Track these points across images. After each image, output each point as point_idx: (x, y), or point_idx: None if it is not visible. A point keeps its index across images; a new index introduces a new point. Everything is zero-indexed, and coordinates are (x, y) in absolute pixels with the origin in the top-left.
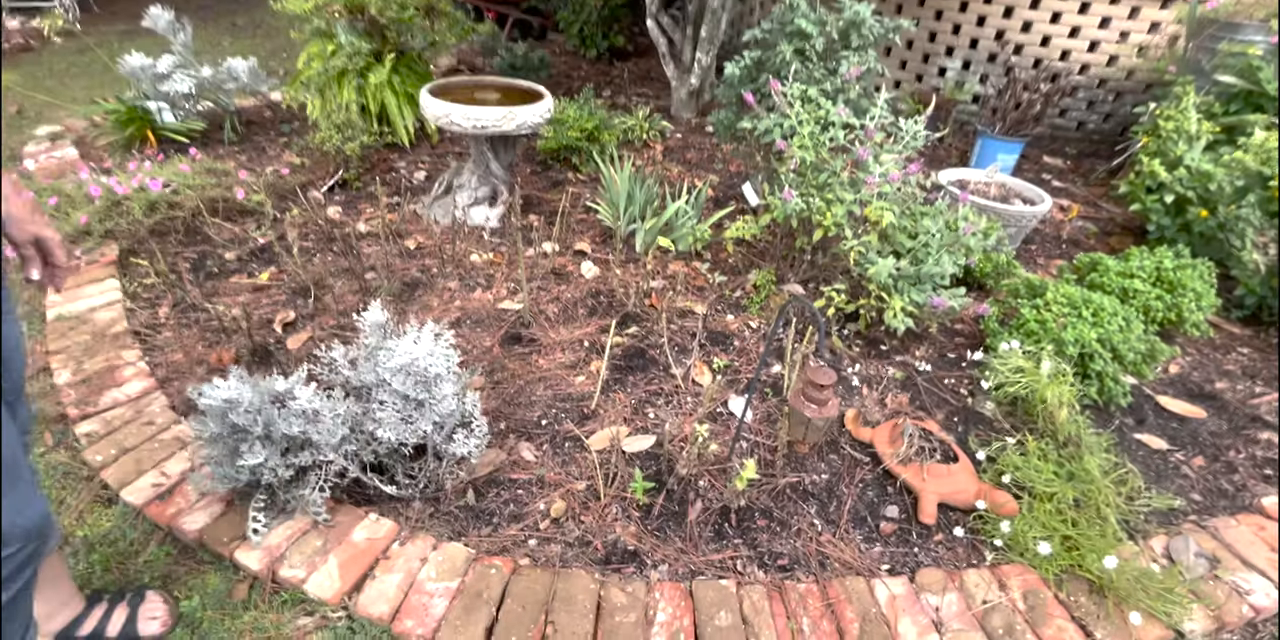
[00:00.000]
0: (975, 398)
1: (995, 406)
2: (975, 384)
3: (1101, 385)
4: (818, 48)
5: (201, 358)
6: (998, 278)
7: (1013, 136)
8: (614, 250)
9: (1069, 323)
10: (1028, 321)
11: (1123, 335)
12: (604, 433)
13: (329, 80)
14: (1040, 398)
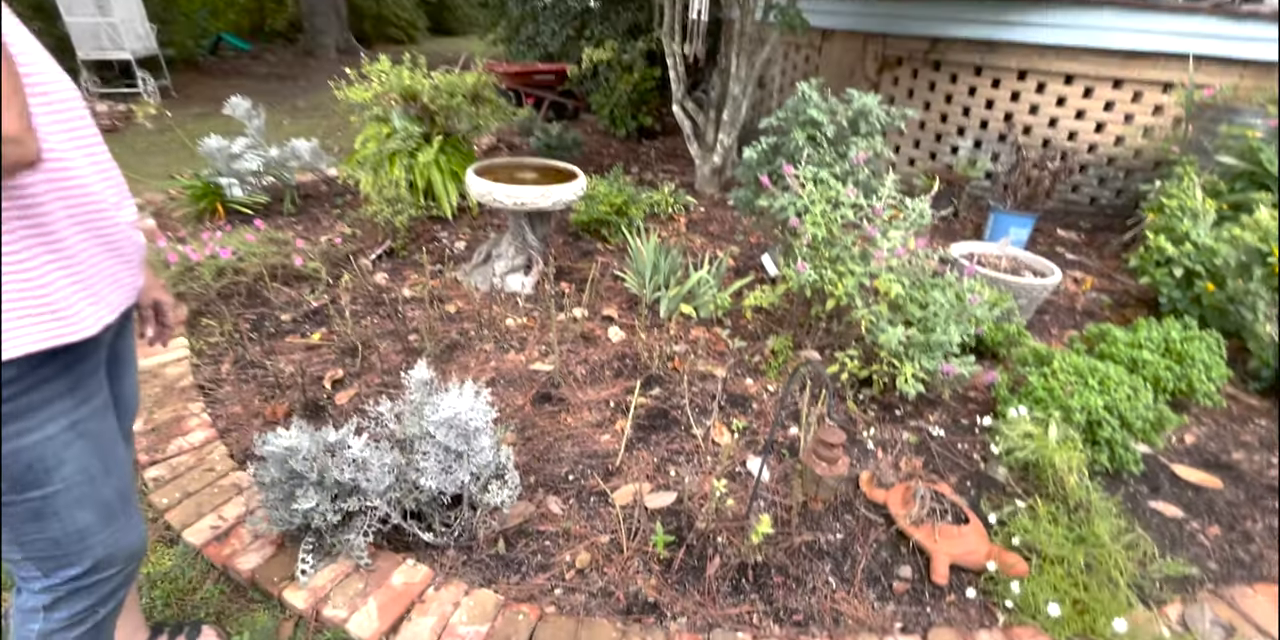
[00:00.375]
0: (988, 463)
1: (1007, 471)
2: (987, 449)
3: (1112, 452)
4: (828, 134)
5: (258, 411)
6: (1009, 347)
7: (1024, 211)
8: (639, 316)
9: (1076, 390)
10: (1036, 389)
11: (1130, 403)
12: (627, 489)
13: (382, 159)
14: (1049, 463)
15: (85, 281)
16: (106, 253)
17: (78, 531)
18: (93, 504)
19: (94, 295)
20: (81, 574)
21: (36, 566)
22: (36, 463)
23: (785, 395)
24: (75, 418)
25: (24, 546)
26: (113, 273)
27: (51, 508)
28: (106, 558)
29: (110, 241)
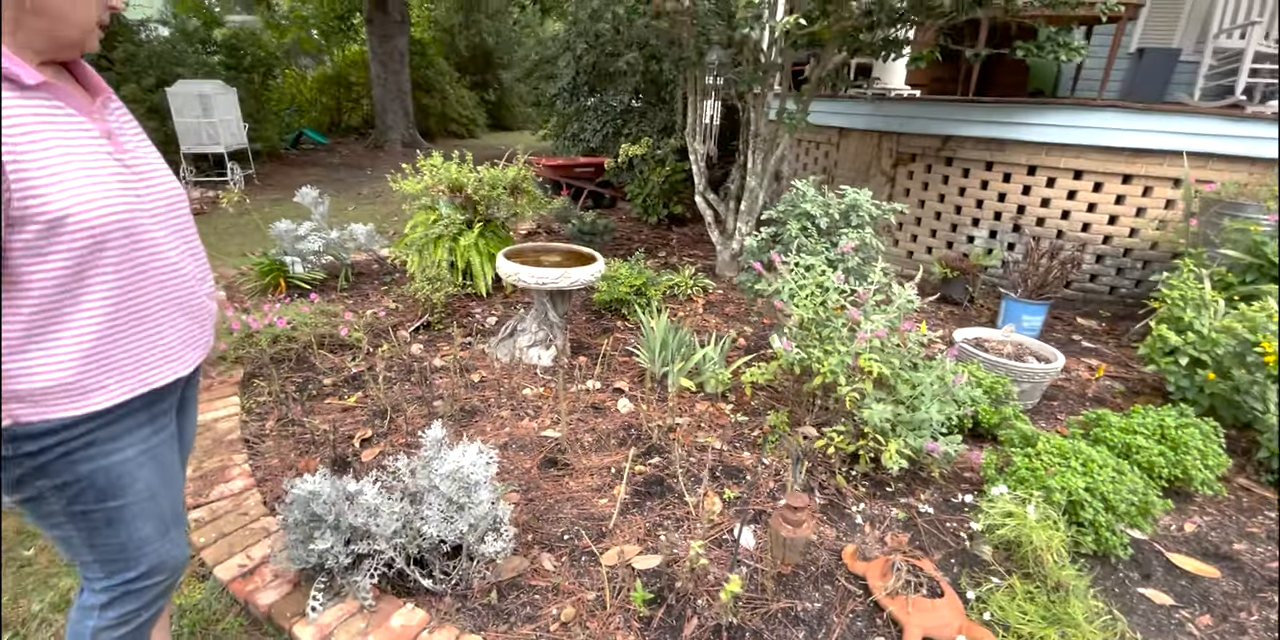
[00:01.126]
0: (973, 541)
1: (991, 550)
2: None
3: (1097, 535)
4: (821, 226)
5: (293, 464)
6: (1005, 428)
7: (1036, 300)
8: (647, 389)
9: (1058, 471)
10: (1020, 469)
11: (1113, 486)
12: (615, 550)
13: (428, 242)
14: (1029, 541)
15: (167, 343)
16: (187, 318)
17: (138, 540)
18: (153, 517)
19: (173, 353)
20: (135, 578)
21: (101, 568)
22: (116, 478)
23: (761, 460)
24: (149, 444)
25: (94, 549)
26: (190, 334)
27: (121, 517)
28: (157, 565)
29: (190, 309)
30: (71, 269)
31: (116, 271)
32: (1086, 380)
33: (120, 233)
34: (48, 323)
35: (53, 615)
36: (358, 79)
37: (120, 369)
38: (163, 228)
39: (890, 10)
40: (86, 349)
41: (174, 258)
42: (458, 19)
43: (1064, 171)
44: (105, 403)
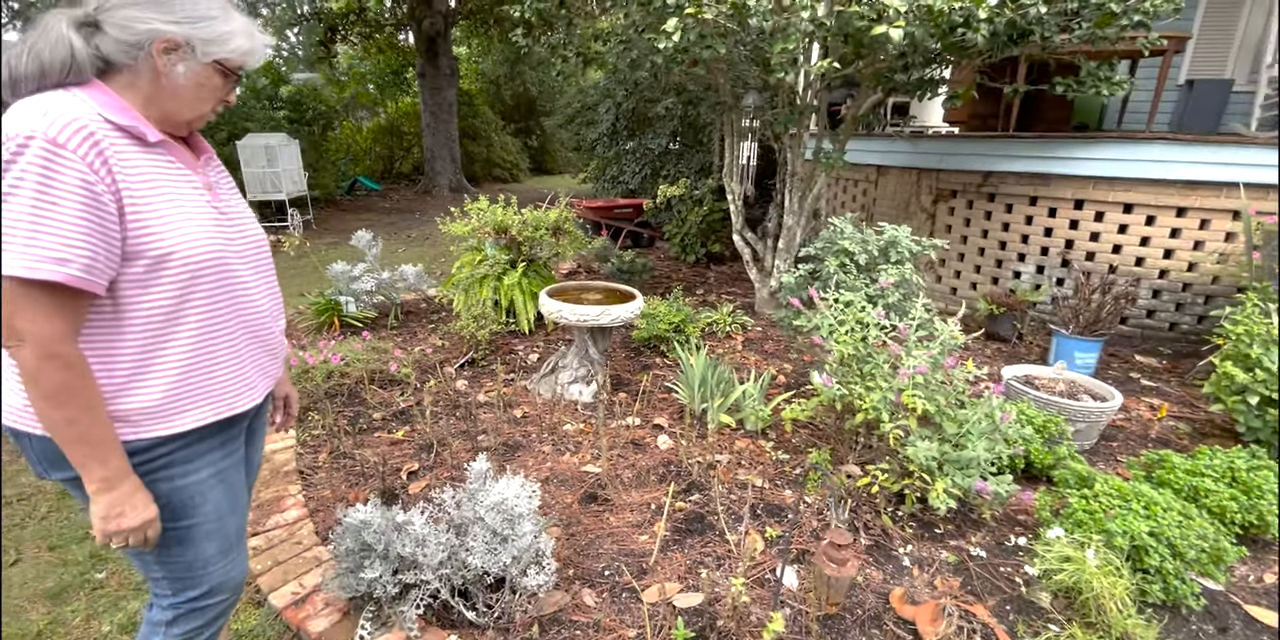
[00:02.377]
0: (1029, 586)
1: (1049, 597)
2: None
3: (1165, 583)
4: (859, 262)
5: (344, 495)
6: (1059, 469)
7: (1089, 336)
8: (686, 426)
9: (1118, 514)
10: (1076, 511)
11: (1180, 531)
12: (656, 587)
13: (474, 282)
14: (1088, 588)
15: (244, 373)
16: (263, 352)
17: (203, 559)
18: (218, 538)
19: (249, 382)
20: (198, 596)
21: (169, 585)
22: (188, 499)
23: (803, 498)
24: (220, 467)
25: (164, 566)
26: (264, 366)
27: (190, 536)
28: (219, 585)
29: (266, 343)
30: (170, 301)
31: (207, 304)
32: (1148, 420)
33: (213, 269)
34: (146, 349)
35: (121, 636)
36: (409, 129)
37: (203, 395)
38: (248, 267)
39: (924, 51)
40: (176, 374)
41: (255, 294)
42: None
43: (1113, 205)
44: (187, 425)
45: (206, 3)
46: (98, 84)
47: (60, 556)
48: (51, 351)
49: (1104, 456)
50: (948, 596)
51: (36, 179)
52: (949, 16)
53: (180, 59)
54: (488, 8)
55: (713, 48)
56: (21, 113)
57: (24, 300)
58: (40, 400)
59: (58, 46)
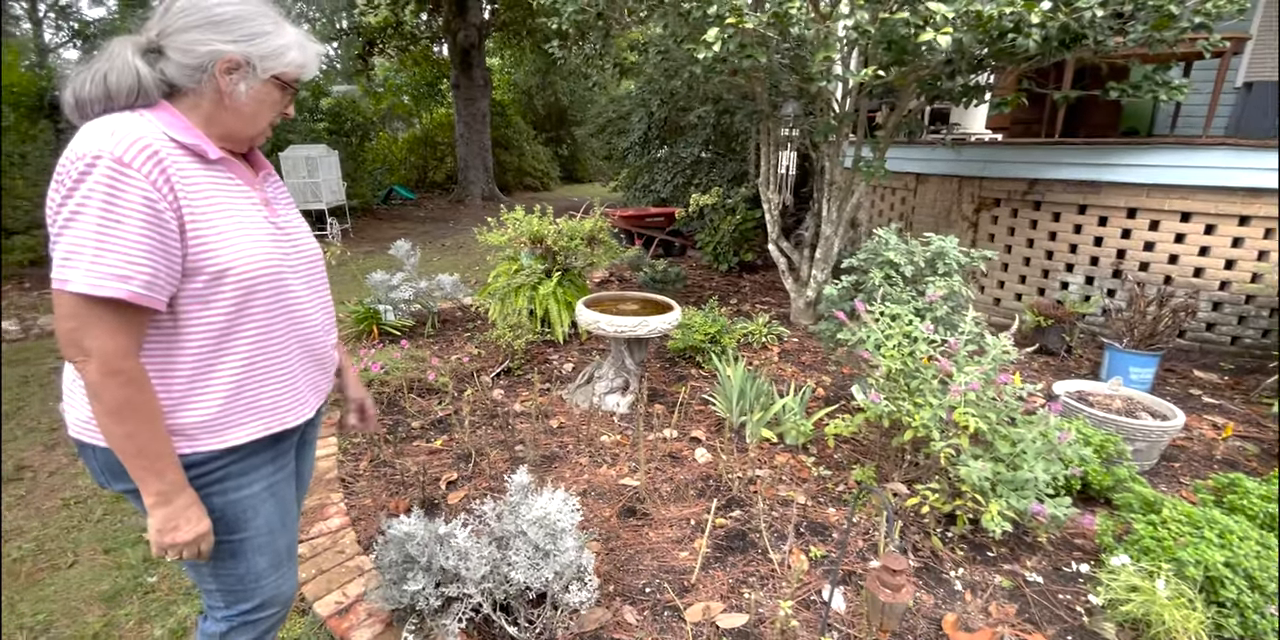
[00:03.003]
0: (1092, 617)
1: (1115, 628)
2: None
3: (1243, 618)
4: (905, 274)
5: (384, 504)
6: (1120, 492)
7: (1145, 350)
8: (725, 439)
9: (1189, 542)
10: (1143, 537)
11: (1260, 562)
12: (699, 606)
13: (509, 291)
14: (1158, 620)
15: (297, 388)
16: (315, 366)
17: (255, 573)
18: (269, 552)
19: (301, 397)
20: (250, 610)
21: (222, 598)
22: (240, 513)
23: (850, 519)
24: (271, 481)
25: (218, 578)
26: (316, 381)
27: (242, 550)
28: (271, 598)
29: (319, 357)
30: (227, 316)
31: (263, 319)
32: (1212, 439)
33: (269, 285)
34: (203, 363)
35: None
36: (443, 139)
37: (256, 409)
38: (302, 281)
39: (971, 57)
40: (231, 389)
41: (309, 309)
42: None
43: (1169, 213)
44: (240, 439)
45: (260, 19)
46: (164, 105)
47: (114, 560)
48: (115, 367)
49: (1165, 478)
50: (1004, 624)
51: (103, 198)
52: (999, 22)
53: (241, 78)
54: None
55: (753, 57)
56: (89, 133)
57: (89, 317)
58: (103, 415)
59: (124, 73)
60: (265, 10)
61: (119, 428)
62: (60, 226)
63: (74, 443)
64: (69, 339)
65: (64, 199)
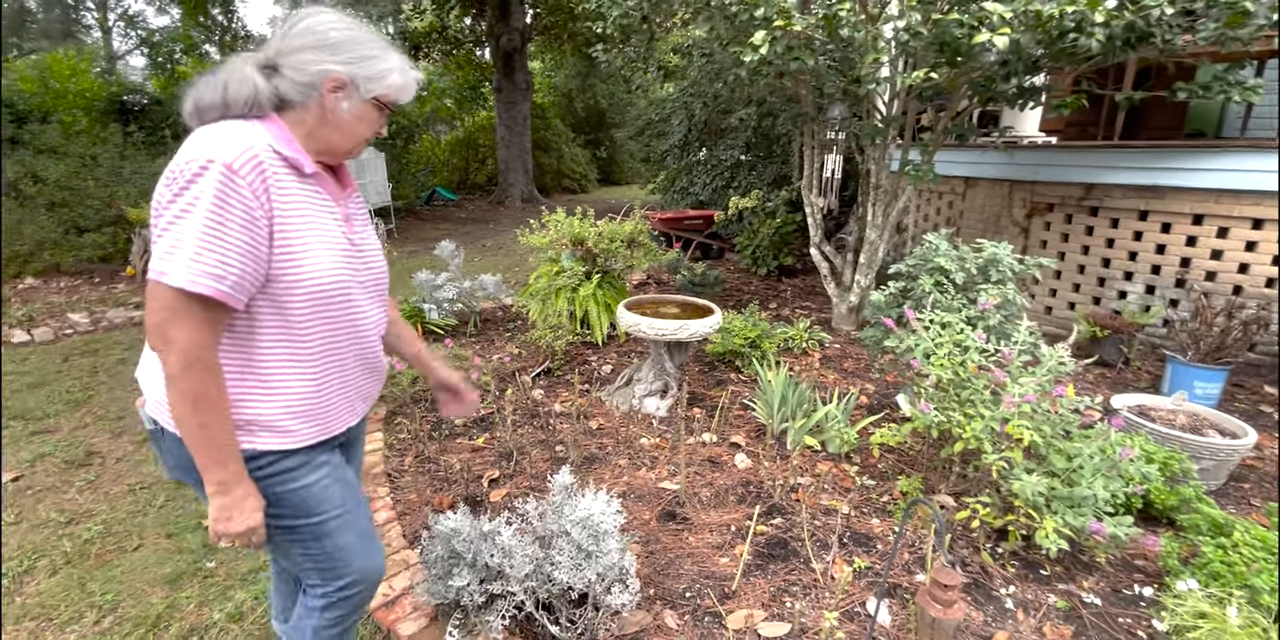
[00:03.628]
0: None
1: None
2: (1154, 626)
3: None
4: (956, 281)
5: (429, 499)
6: (1185, 512)
7: (1212, 364)
8: (765, 445)
9: (1264, 568)
10: (1212, 561)
11: None
12: (741, 613)
13: (550, 292)
14: None
15: (350, 397)
16: (369, 376)
17: (343, 548)
18: (353, 529)
19: (352, 406)
20: (345, 586)
21: (319, 575)
22: (309, 497)
23: (901, 530)
24: (330, 469)
25: (310, 559)
26: (367, 390)
27: (325, 529)
28: (363, 573)
29: (373, 368)
30: (298, 323)
31: (329, 330)
32: None
33: (339, 297)
34: (270, 365)
35: (230, 625)
36: (484, 141)
37: (313, 416)
38: (368, 297)
39: (1027, 58)
40: (293, 393)
41: (371, 324)
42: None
43: (1240, 220)
44: (293, 444)
45: (369, 43)
46: (274, 118)
47: (176, 544)
48: (195, 357)
49: (1234, 499)
50: None
51: (212, 201)
52: (1060, 21)
53: (345, 97)
54: (562, 23)
55: (800, 59)
56: (205, 138)
57: (179, 309)
58: (178, 403)
59: (243, 84)
60: (373, 36)
61: (193, 417)
62: (167, 223)
63: (147, 427)
64: (157, 328)
65: (174, 196)
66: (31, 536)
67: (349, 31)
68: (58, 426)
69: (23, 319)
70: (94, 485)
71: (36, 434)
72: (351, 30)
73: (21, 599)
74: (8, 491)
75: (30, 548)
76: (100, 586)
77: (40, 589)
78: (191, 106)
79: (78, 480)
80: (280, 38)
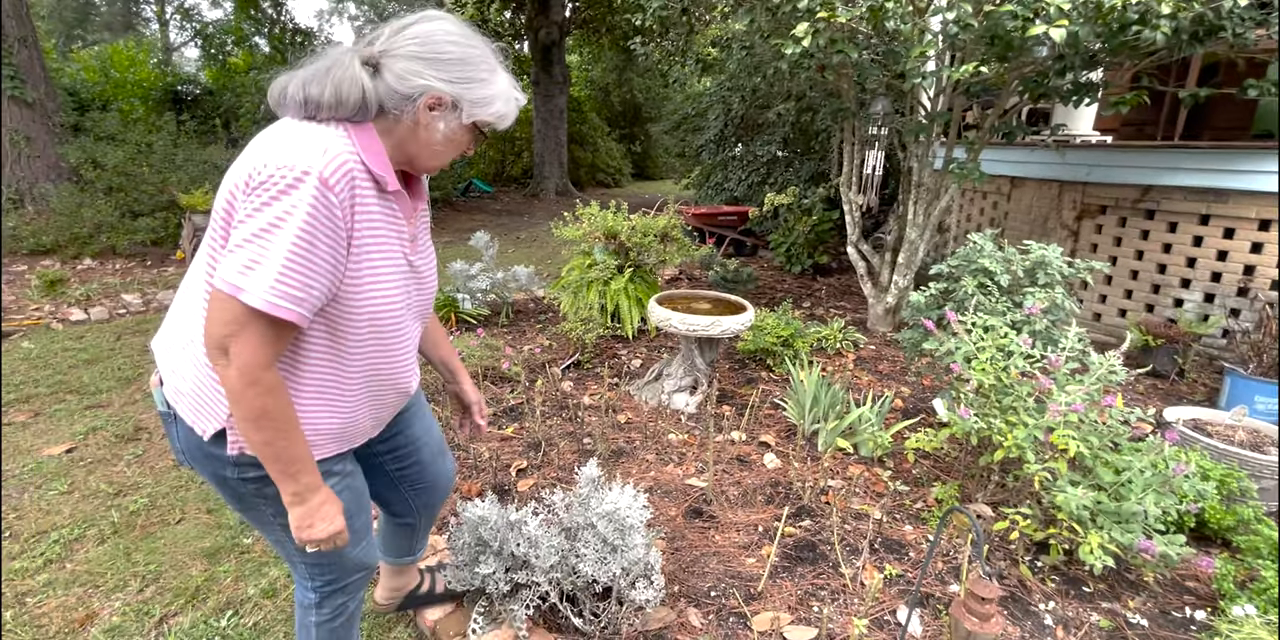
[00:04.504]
0: None
1: None
2: None
3: None
4: (1001, 283)
5: (457, 487)
6: (1243, 534)
7: (1274, 378)
8: (795, 446)
9: None
10: (1271, 587)
11: None
12: (767, 615)
13: (581, 285)
14: None
15: (379, 417)
16: (401, 398)
17: (339, 552)
18: (351, 535)
19: (378, 425)
20: (335, 578)
21: (307, 571)
22: None
23: (936, 538)
24: (341, 477)
25: (303, 555)
26: (397, 407)
27: None
28: (353, 568)
29: (405, 391)
30: (347, 346)
31: (375, 353)
32: None
33: (390, 323)
34: (311, 388)
35: (263, 600)
36: (521, 134)
37: (338, 438)
38: (413, 316)
39: (1084, 52)
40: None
41: (412, 346)
42: (612, 78)
43: None
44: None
45: (480, 66)
46: (369, 127)
47: (215, 520)
48: (255, 377)
49: None
50: None
51: (305, 218)
52: (1122, 13)
53: (443, 116)
54: (601, 16)
55: (843, 52)
56: (296, 144)
57: (248, 327)
58: (241, 421)
59: (353, 86)
60: (488, 56)
61: (257, 435)
62: (250, 235)
63: (159, 410)
64: (219, 342)
65: (261, 206)
66: (83, 506)
67: (464, 48)
68: (110, 402)
69: (80, 298)
70: (141, 459)
71: (90, 408)
72: (467, 47)
73: (71, 565)
74: (62, 462)
75: (81, 516)
76: (144, 557)
77: (89, 556)
78: (300, 98)
79: (126, 454)
80: (390, 35)
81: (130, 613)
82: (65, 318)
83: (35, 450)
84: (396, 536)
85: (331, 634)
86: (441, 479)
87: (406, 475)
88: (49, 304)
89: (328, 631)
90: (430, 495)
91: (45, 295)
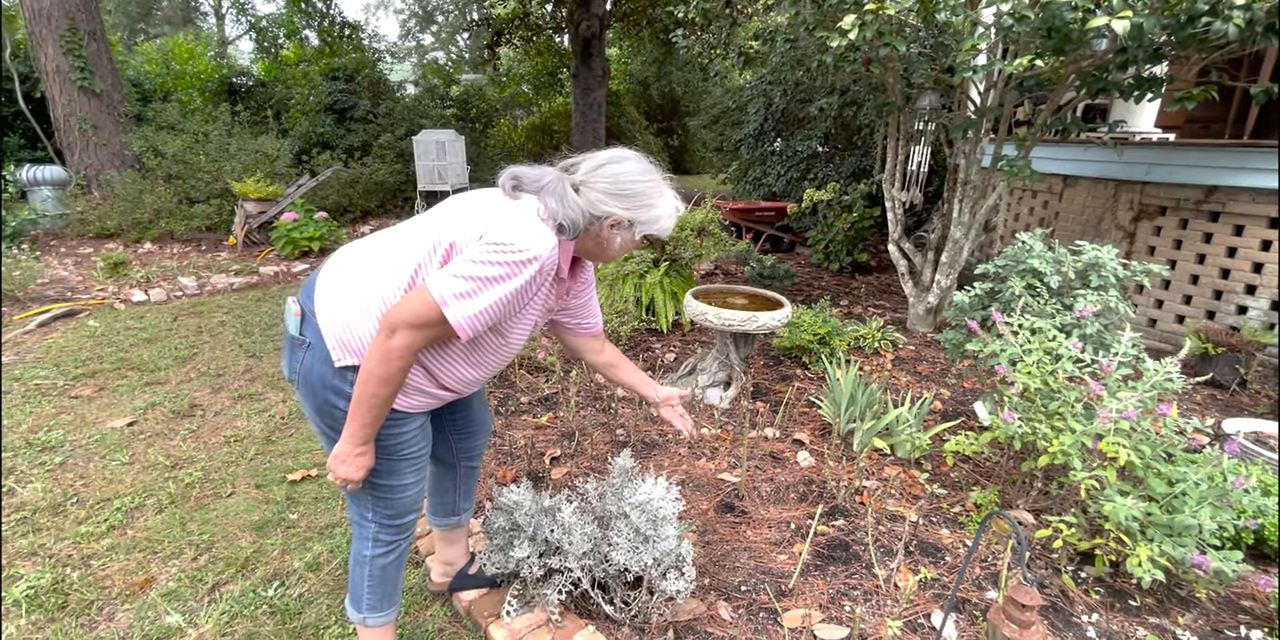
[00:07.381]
0: None
1: None
2: None
3: None
4: (1050, 284)
5: (493, 472)
6: None
7: None
8: (830, 445)
9: None
10: None
11: None
12: (798, 612)
13: (618, 278)
14: None
15: None
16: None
17: (402, 486)
18: (414, 472)
19: None
20: (394, 515)
21: (373, 504)
22: (399, 444)
23: (975, 542)
24: (423, 422)
25: (374, 488)
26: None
27: (397, 469)
28: (408, 506)
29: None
30: (480, 349)
31: (503, 357)
32: None
33: (515, 341)
34: (443, 371)
35: (308, 573)
36: (560, 127)
37: (441, 400)
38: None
39: (1148, 45)
40: (435, 395)
41: (517, 342)
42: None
43: None
44: (406, 411)
45: (653, 195)
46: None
47: (264, 495)
48: (404, 356)
49: None
50: None
51: (521, 284)
52: (1191, 4)
53: (619, 232)
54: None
55: (891, 45)
56: (534, 231)
57: (430, 325)
58: (373, 377)
59: (579, 215)
60: (659, 184)
61: (380, 390)
62: (477, 275)
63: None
64: (402, 323)
65: (496, 263)
66: (142, 477)
67: (643, 185)
68: (166, 379)
69: (141, 280)
70: (195, 435)
71: (149, 385)
72: (645, 183)
73: (132, 532)
74: (124, 434)
75: (141, 486)
76: (198, 527)
77: (148, 524)
78: (561, 217)
79: (182, 429)
80: (592, 169)
81: (185, 579)
82: (127, 298)
83: (100, 422)
84: (440, 491)
85: (383, 570)
86: (484, 426)
87: (456, 422)
88: (112, 285)
89: (380, 568)
90: (472, 440)
91: (109, 277)
